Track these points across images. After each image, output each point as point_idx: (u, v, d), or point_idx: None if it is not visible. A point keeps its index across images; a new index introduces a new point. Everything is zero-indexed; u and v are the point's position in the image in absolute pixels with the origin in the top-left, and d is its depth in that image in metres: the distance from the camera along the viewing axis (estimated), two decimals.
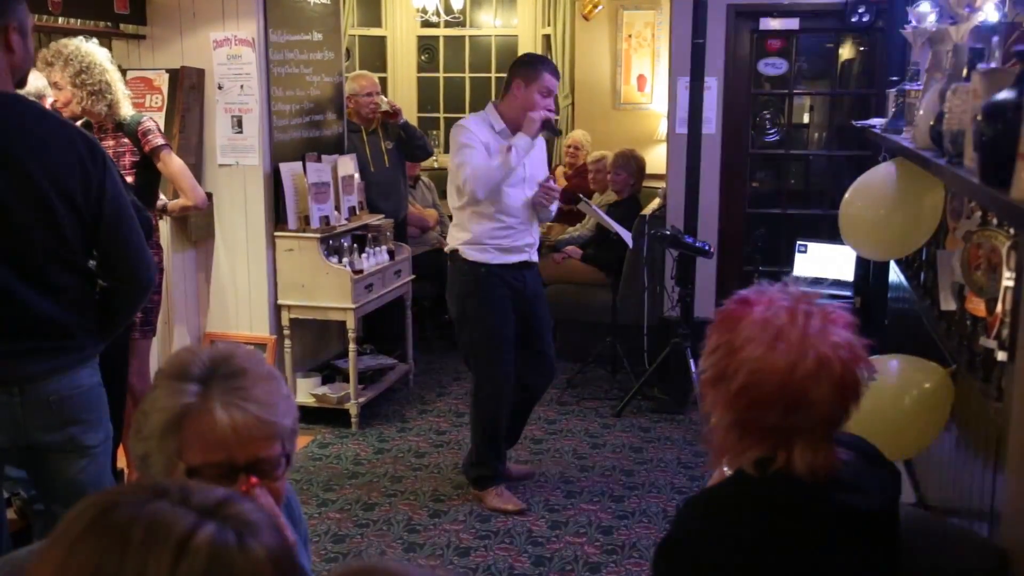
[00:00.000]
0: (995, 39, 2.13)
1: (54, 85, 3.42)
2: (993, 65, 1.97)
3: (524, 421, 4.15)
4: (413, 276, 5.22)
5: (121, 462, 3.49)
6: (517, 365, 3.83)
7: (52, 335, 2.21)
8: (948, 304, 2.69)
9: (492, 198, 3.67)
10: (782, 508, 1.38)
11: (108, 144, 3.51)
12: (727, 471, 1.54)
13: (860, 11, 4.96)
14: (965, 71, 2.21)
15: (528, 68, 3.79)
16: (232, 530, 0.86)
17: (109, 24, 4.31)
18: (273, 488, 1.29)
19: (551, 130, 3.86)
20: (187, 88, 4.42)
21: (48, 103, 3.35)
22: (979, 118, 1.71)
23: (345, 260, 4.62)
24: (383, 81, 7.66)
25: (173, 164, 3.67)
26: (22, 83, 2.27)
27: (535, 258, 3.90)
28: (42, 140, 2.14)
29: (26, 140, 2.12)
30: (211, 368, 1.27)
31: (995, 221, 2.28)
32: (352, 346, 4.60)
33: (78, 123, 3.32)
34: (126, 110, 3.58)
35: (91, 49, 3.48)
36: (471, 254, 3.74)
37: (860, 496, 1.41)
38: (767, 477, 1.39)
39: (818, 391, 1.35)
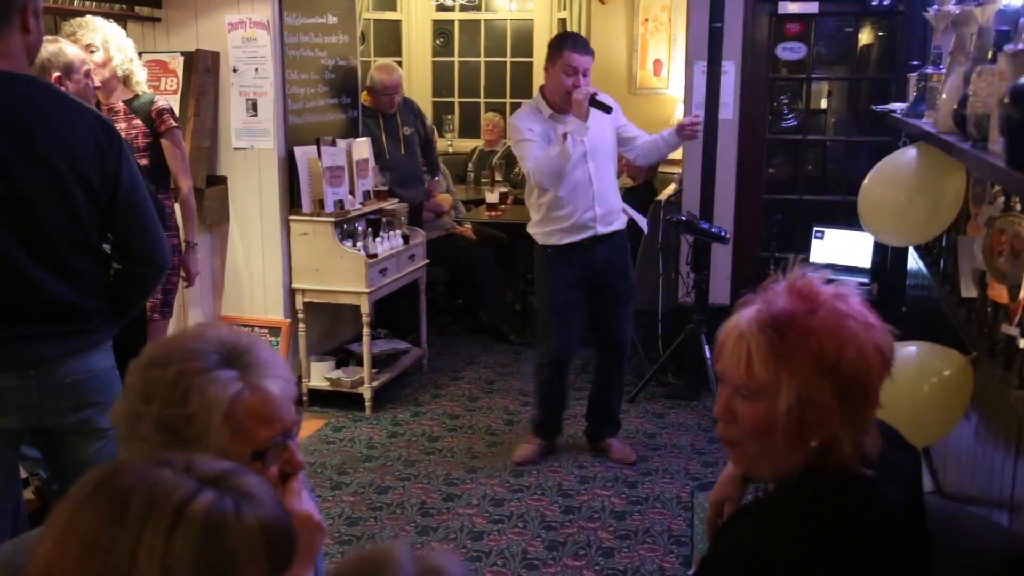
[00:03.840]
0: (1021, 21, 2.09)
1: (87, 48, 3.43)
2: (1020, 47, 1.93)
3: (609, 398, 4.19)
4: (427, 261, 5.21)
5: None
6: (580, 339, 4.10)
7: (68, 318, 2.21)
8: (969, 291, 2.66)
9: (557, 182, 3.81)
10: (837, 508, 1.30)
11: (121, 126, 3.52)
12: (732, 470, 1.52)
13: None
14: (991, 53, 2.17)
15: (552, 49, 3.86)
16: (231, 499, 0.86)
17: (124, 7, 4.31)
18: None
19: (599, 107, 3.76)
20: (202, 71, 4.41)
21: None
22: (1006, 100, 1.67)
23: (359, 244, 4.62)
24: (398, 65, 7.64)
25: (177, 146, 3.72)
26: (31, 64, 2.27)
27: (607, 229, 3.94)
28: (59, 122, 2.14)
29: (43, 122, 2.11)
30: (228, 353, 1.24)
31: (1019, 206, 2.25)
32: (366, 330, 4.60)
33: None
34: (142, 86, 3.70)
35: (106, 23, 3.60)
36: (539, 237, 3.99)
37: (893, 487, 1.35)
38: (819, 479, 1.32)
39: (877, 377, 1.31)
